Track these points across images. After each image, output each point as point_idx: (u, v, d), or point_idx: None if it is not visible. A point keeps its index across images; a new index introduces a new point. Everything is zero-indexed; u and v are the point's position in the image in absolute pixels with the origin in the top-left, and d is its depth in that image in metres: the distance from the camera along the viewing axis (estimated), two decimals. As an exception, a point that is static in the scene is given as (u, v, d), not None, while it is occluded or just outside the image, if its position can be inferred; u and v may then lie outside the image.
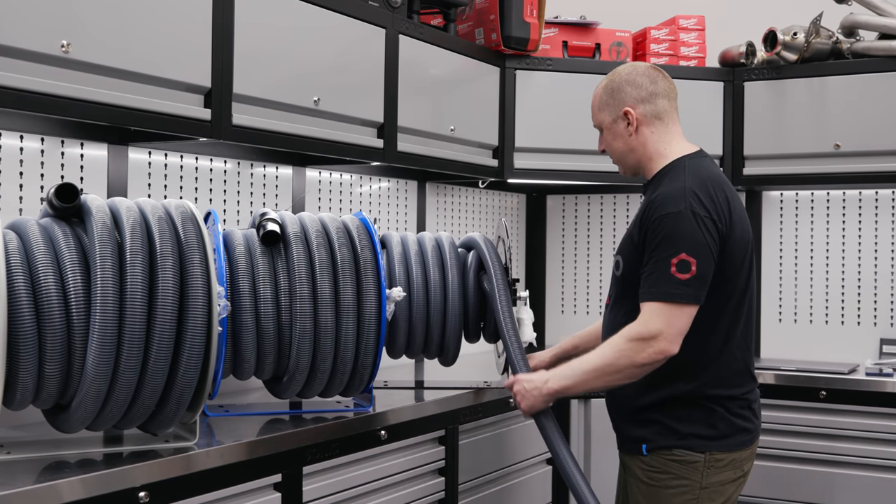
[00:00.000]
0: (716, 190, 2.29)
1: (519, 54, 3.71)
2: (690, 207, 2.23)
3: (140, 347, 1.86)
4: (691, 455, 2.30)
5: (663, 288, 2.21)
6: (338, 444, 2.40)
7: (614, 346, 2.25)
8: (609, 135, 2.47)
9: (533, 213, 4.51)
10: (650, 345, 2.20)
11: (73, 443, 2.04)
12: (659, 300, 2.21)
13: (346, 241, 2.42)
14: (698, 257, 2.21)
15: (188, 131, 2.39)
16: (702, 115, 3.89)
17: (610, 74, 2.49)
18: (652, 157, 2.42)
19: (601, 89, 2.49)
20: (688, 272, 2.20)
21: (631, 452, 2.39)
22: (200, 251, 1.96)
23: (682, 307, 2.21)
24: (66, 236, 1.89)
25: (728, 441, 2.32)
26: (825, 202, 4.08)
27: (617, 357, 2.24)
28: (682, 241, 2.21)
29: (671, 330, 2.20)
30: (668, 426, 2.31)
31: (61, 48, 2.07)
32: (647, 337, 2.20)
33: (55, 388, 1.87)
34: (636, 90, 2.43)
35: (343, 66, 2.90)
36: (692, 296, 2.21)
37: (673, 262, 2.21)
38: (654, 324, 2.20)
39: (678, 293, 2.20)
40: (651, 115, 2.42)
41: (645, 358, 2.21)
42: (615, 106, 2.44)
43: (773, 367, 3.72)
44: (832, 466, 3.55)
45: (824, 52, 3.79)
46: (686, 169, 2.34)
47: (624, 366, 2.24)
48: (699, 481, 2.29)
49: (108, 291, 1.83)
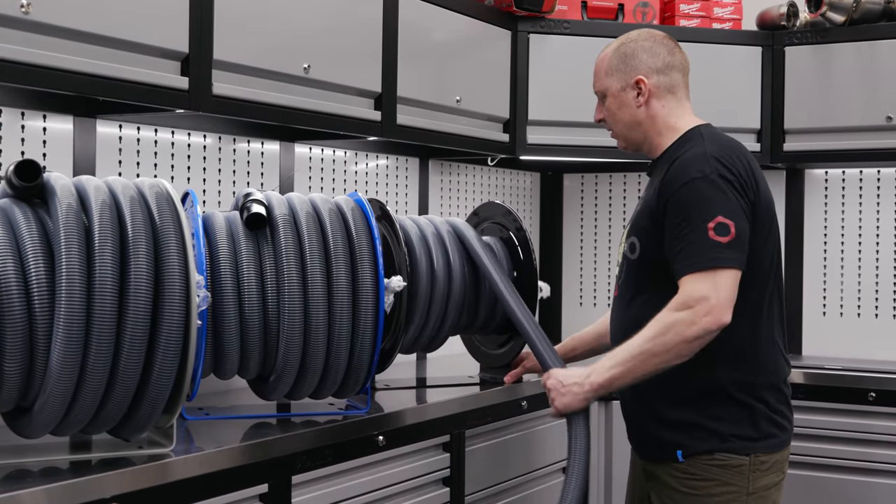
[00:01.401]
0: (738, 156, 2.32)
1: (533, 16, 3.70)
2: (717, 171, 2.26)
3: (110, 343, 1.86)
4: (735, 458, 2.30)
5: (704, 254, 2.21)
6: (330, 451, 2.40)
7: (660, 324, 2.22)
8: (614, 103, 2.48)
9: (548, 194, 4.51)
10: (700, 314, 2.18)
11: (36, 449, 2.04)
12: (700, 269, 2.21)
13: (340, 225, 2.42)
14: (736, 219, 2.23)
15: (163, 102, 2.39)
16: (737, 84, 3.88)
17: (622, 38, 2.51)
18: (661, 131, 2.44)
19: (611, 52, 2.49)
20: (727, 234, 2.21)
21: (660, 460, 2.39)
22: (177, 236, 1.95)
23: (726, 272, 2.21)
24: (26, 219, 1.88)
25: (771, 441, 2.34)
26: (875, 181, 4.07)
27: (664, 333, 2.21)
28: (716, 204, 2.23)
29: (720, 295, 2.19)
30: (707, 427, 2.31)
31: (20, 8, 2.06)
32: (695, 307, 2.19)
33: (15, 388, 1.87)
34: (652, 59, 2.44)
35: (336, 28, 2.89)
36: (736, 259, 2.22)
37: (710, 227, 2.22)
38: (700, 291, 2.20)
39: (722, 257, 2.21)
40: (664, 87, 2.44)
41: (697, 330, 2.19)
42: (627, 73, 2.45)
43: (816, 365, 3.72)
44: (883, 476, 3.54)
45: (875, 12, 3.77)
46: (703, 136, 2.37)
47: (674, 343, 2.21)
48: (745, 486, 2.30)
49: (74, 281, 1.82)
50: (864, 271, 4.08)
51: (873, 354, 4.00)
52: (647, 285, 2.35)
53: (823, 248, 4.13)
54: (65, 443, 2.11)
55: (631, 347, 2.27)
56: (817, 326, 4.13)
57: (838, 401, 3.59)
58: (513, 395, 3.01)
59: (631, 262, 2.41)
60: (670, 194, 2.28)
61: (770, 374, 2.35)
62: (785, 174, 4.13)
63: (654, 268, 2.33)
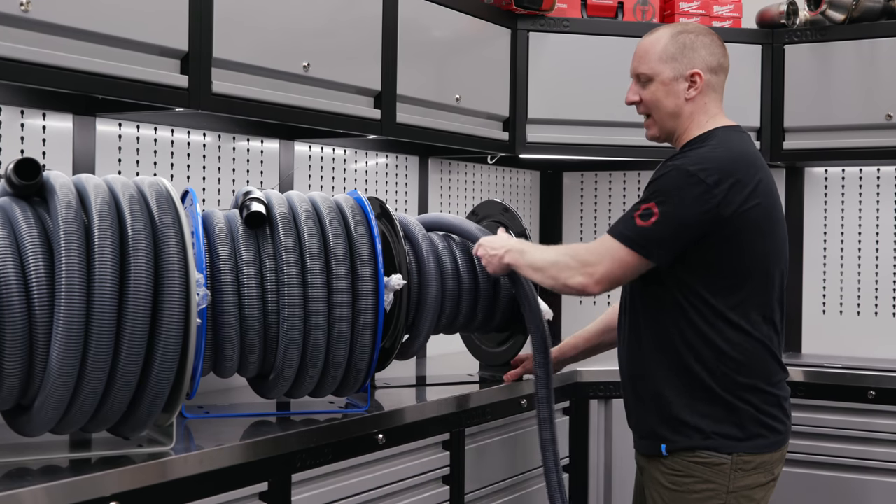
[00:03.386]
0: (739, 166, 2.32)
1: (532, 14, 3.70)
2: (701, 171, 2.28)
3: (110, 342, 1.86)
4: (717, 456, 2.32)
5: (620, 226, 2.33)
6: (330, 450, 2.40)
7: (563, 256, 2.44)
8: (661, 90, 2.46)
9: (548, 193, 4.50)
10: (580, 273, 2.36)
11: (35, 448, 2.04)
12: (612, 235, 2.35)
13: (340, 223, 2.42)
14: (665, 215, 2.27)
15: (163, 100, 2.39)
16: (737, 82, 3.80)
17: (677, 26, 2.51)
18: (691, 127, 2.46)
19: (668, 38, 2.46)
20: (647, 221, 2.28)
21: (648, 453, 2.41)
22: (177, 234, 1.95)
23: (625, 250, 2.30)
24: (26, 217, 1.88)
25: (757, 442, 2.34)
26: (875, 179, 4.07)
27: (557, 266, 2.43)
28: (662, 193, 2.30)
29: (604, 268, 2.32)
30: (691, 424, 2.33)
31: (20, 6, 2.06)
32: (583, 264, 2.36)
33: (15, 387, 1.87)
34: (711, 56, 2.45)
35: (336, 27, 2.89)
36: (641, 245, 2.29)
37: (642, 207, 2.30)
38: (596, 254, 2.36)
39: (628, 236, 2.30)
40: (712, 86, 2.46)
41: (571, 283, 2.39)
42: (684, 63, 2.44)
43: (815, 363, 3.72)
44: (882, 475, 3.54)
45: (875, 10, 3.77)
46: (717, 138, 2.38)
47: (554, 276, 2.44)
48: (726, 485, 2.31)
49: (73, 279, 1.82)
50: (864, 270, 4.07)
51: (873, 353, 3.99)
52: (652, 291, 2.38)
53: (823, 247, 4.13)
54: (64, 441, 2.11)
55: (545, 253, 2.52)
56: (817, 325, 4.12)
57: (838, 399, 3.59)
58: (512, 394, 3.01)
59: None
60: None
61: (756, 377, 2.35)
62: (784, 172, 4.13)
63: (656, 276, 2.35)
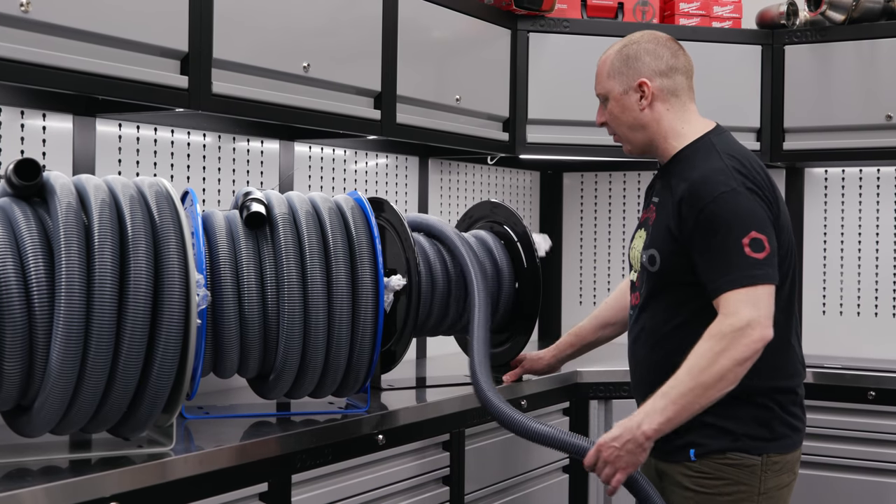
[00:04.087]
0: (755, 167, 2.34)
1: (532, 15, 3.70)
2: (743, 184, 2.26)
3: (110, 342, 1.86)
4: (748, 458, 2.31)
5: (742, 272, 2.21)
6: (330, 450, 2.40)
7: (707, 352, 2.18)
8: (616, 107, 2.46)
9: (548, 193, 4.50)
10: (747, 334, 2.17)
11: (35, 448, 2.04)
12: (740, 286, 2.21)
13: (340, 224, 2.42)
14: (767, 233, 2.24)
15: (163, 101, 2.38)
16: (737, 82, 3.88)
17: (624, 40, 2.49)
18: (667, 136, 2.43)
19: (613, 54, 2.47)
20: (762, 250, 2.22)
21: (673, 460, 2.37)
22: (177, 235, 1.95)
23: (765, 287, 2.22)
24: (26, 218, 1.88)
25: (784, 442, 2.34)
26: (875, 180, 4.07)
27: (714, 361, 2.17)
28: (748, 219, 2.24)
29: (762, 312, 2.20)
30: (719, 427, 2.31)
31: (20, 7, 2.06)
32: (741, 327, 2.18)
33: (15, 387, 1.87)
34: (655, 61, 2.43)
35: (336, 27, 2.89)
36: (772, 275, 2.24)
37: (745, 243, 2.22)
38: (743, 312, 2.19)
39: (760, 274, 2.22)
40: (668, 90, 2.43)
41: (745, 351, 2.17)
42: (629, 75, 2.43)
43: (815, 364, 3.71)
44: (881, 475, 3.54)
45: (875, 11, 3.77)
46: (717, 147, 2.36)
47: (726, 369, 2.17)
48: (757, 486, 2.31)
49: (73, 280, 1.82)
50: (864, 270, 4.07)
51: (873, 353, 3.99)
52: (670, 295, 2.37)
53: (823, 247, 4.13)
54: (64, 442, 2.11)
55: (678, 385, 2.20)
56: (817, 325, 4.12)
57: (838, 399, 3.59)
58: (512, 395, 3.00)
59: (651, 274, 2.40)
60: (698, 211, 2.26)
61: (786, 379, 2.36)
62: (784, 173, 4.13)
63: (673, 279, 2.35)
